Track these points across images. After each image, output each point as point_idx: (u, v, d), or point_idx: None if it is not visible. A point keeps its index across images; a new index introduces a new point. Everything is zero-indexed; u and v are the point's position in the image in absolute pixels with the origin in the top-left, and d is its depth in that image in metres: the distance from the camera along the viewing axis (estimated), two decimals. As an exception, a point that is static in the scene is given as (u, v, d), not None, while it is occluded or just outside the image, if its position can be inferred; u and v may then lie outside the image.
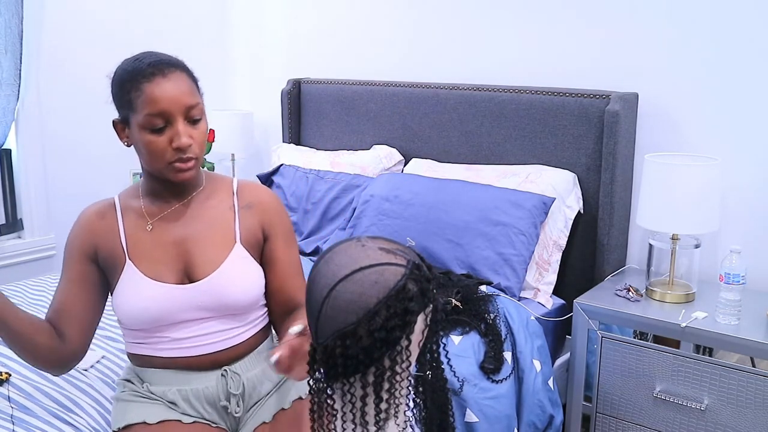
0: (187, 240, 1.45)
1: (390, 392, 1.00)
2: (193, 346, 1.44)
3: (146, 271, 1.42)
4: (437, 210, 2.40)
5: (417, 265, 1.00)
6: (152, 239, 1.44)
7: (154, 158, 1.37)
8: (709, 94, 2.28)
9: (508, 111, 2.56)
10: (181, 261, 1.44)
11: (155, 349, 1.45)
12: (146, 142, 1.36)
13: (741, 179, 2.24)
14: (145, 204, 1.47)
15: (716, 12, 2.23)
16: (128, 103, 1.36)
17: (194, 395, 1.44)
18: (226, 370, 1.46)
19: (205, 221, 1.47)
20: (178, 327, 1.43)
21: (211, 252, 1.45)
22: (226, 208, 1.50)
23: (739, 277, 1.93)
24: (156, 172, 1.41)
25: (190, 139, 1.36)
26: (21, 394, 1.63)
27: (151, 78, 1.33)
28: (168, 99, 1.33)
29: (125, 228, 1.45)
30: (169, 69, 1.36)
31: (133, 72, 1.36)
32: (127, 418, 1.44)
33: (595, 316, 2.12)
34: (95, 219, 1.46)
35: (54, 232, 2.95)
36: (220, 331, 1.45)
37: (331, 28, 3.18)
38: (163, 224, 1.46)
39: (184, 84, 1.37)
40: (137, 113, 1.34)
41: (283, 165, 2.97)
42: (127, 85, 1.35)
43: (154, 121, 1.34)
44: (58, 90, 2.90)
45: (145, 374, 1.47)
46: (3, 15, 2.58)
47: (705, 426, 1.96)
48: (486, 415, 1.88)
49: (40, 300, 2.27)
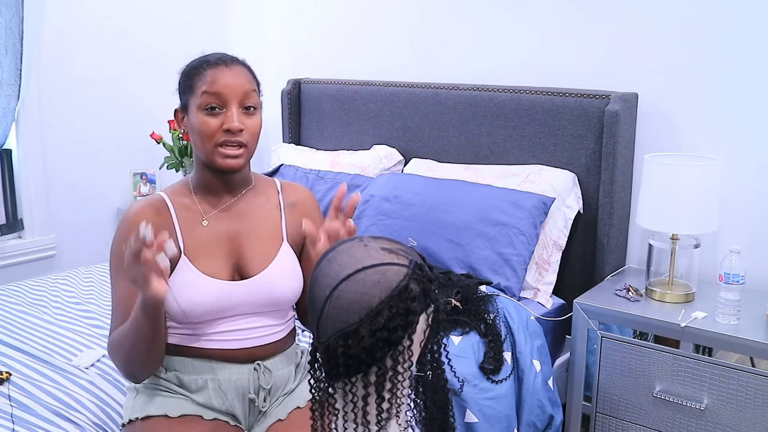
0: (240, 236, 1.49)
1: (392, 392, 1.00)
2: (233, 340, 1.46)
3: (201, 266, 1.44)
4: (437, 210, 2.41)
5: (419, 265, 1.01)
6: (207, 235, 1.47)
7: (204, 139, 1.41)
8: (709, 94, 2.28)
9: (508, 111, 2.56)
10: (234, 256, 1.48)
11: (195, 340, 1.46)
12: (200, 122, 1.41)
13: (741, 179, 2.25)
14: (197, 199, 1.50)
15: (716, 12, 2.23)
16: (190, 87, 1.43)
17: (226, 384, 1.46)
18: (259, 365, 1.48)
19: (256, 218, 1.52)
20: (223, 321, 1.46)
21: (262, 249, 1.49)
22: (272, 206, 1.55)
23: (738, 277, 1.94)
24: (206, 156, 1.43)
25: (241, 124, 1.41)
26: (21, 393, 1.64)
27: (215, 66, 1.42)
28: (226, 83, 1.41)
29: (180, 223, 1.46)
30: (233, 62, 1.45)
31: (200, 62, 1.45)
32: (148, 409, 1.43)
33: (595, 316, 2.12)
34: (151, 213, 1.44)
35: (54, 232, 2.95)
36: (260, 327, 1.49)
37: (331, 28, 3.18)
38: (217, 219, 1.49)
39: (244, 76, 1.44)
40: (196, 95, 1.41)
41: (283, 165, 2.97)
42: (192, 72, 1.44)
43: (210, 101, 1.40)
44: (59, 90, 2.90)
45: (177, 362, 1.47)
46: (3, 15, 2.58)
47: (705, 426, 1.96)
48: (486, 416, 1.88)
49: (40, 300, 2.27)
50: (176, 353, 1.48)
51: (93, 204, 3.02)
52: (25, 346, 1.89)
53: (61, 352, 1.87)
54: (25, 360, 1.81)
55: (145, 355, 1.37)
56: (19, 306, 2.20)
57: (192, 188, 1.51)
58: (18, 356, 1.83)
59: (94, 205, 3.03)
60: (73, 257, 2.97)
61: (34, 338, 1.95)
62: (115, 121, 3.10)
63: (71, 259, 2.96)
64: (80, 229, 3.00)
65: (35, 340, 1.94)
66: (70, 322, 2.08)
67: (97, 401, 1.64)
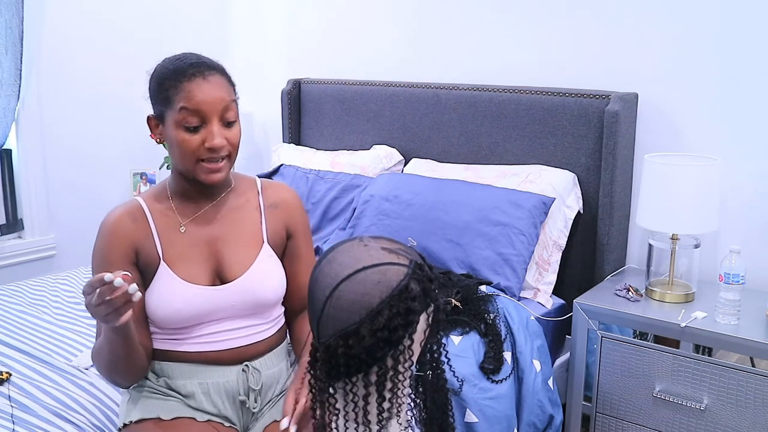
0: (218, 240, 1.48)
1: (393, 391, 1.00)
2: (218, 341, 1.46)
3: (180, 273, 1.43)
4: (437, 210, 2.41)
5: (419, 264, 1.01)
6: (185, 240, 1.46)
7: (185, 157, 1.39)
8: (709, 94, 2.28)
9: (508, 111, 2.56)
10: (213, 261, 1.47)
11: (180, 344, 1.46)
12: (180, 140, 1.38)
13: (741, 179, 2.25)
14: (175, 205, 1.48)
15: (716, 12, 2.23)
16: (165, 100, 1.38)
17: (214, 388, 1.45)
18: (247, 366, 1.48)
19: (235, 222, 1.50)
20: (207, 324, 1.46)
21: (241, 252, 1.48)
22: (252, 208, 1.54)
23: (738, 277, 1.94)
24: (186, 171, 1.42)
25: (224, 140, 1.39)
26: (22, 393, 1.63)
27: (191, 78, 1.37)
28: (205, 99, 1.36)
29: (158, 230, 1.45)
30: (209, 71, 1.39)
31: (174, 70, 1.38)
32: (141, 412, 1.44)
33: (595, 316, 2.12)
34: (129, 222, 1.44)
35: (54, 232, 2.95)
36: (245, 327, 1.48)
37: (331, 28, 3.18)
38: (195, 225, 1.48)
39: (222, 87, 1.40)
40: (173, 110, 1.37)
41: (283, 165, 2.97)
42: (166, 82, 1.38)
43: (190, 119, 1.36)
44: (59, 90, 2.90)
45: (165, 368, 1.47)
46: (3, 15, 2.58)
47: (705, 426, 1.96)
48: (486, 415, 1.88)
49: (40, 300, 2.27)
50: (163, 358, 1.47)
51: (93, 204, 3.02)
52: (25, 347, 1.89)
53: (61, 353, 1.87)
54: (25, 360, 1.81)
55: (125, 364, 1.37)
56: (19, 306, 2.20)
57: (170, 193, 1.49)
58: (18, 356, 1.83)
59: (94, 205, 3.02)
60: (73, 257, 2.97)
61: (34, 338, 1.95)
62: (115, 121, 3.09)
63: (71, 259, 2.96)
64: (80, 229, 3.00)
65: (35, 340, 1.94)
66: (70, 322, 2.08)
67: (96, 402, 1.64)
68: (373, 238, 1.04)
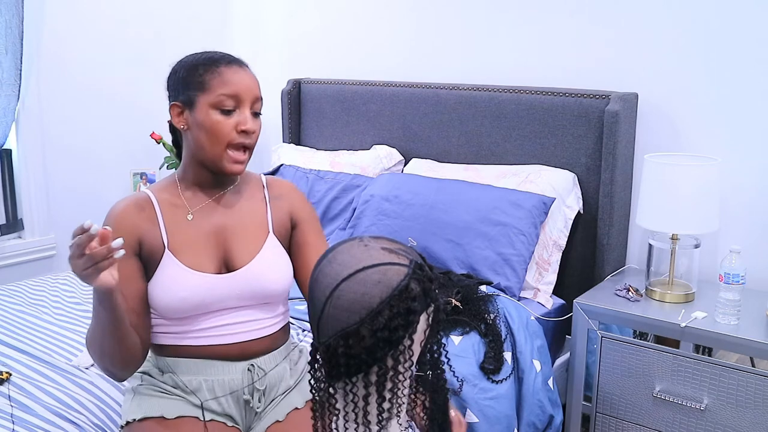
0: (226, 229, 1.49)
1: (393, 392, 1.00)
2: (223, 335, 1.46)
3: (185, 261, 1.44)
4: (437, 210, 2.41)
5: (420, 264, 1.01)
6: (192, 229, 1.47)
7: (216, 139, 1.41)
8: (709, 94, 2.28)
9: (508, 111, 2.56)
10: (220, 250, 1.48)
11: (185, 338, 1.46)
12: (213, 121, 1.41)
13: (741, 179, 2.25)
14: (183, 194, 1.50)
15: (716, 12, 2.23)
16: (200, 84, 1.41)
17: (219, 385, 1.45)
18: (253, 365, 1.48)
19: (241, 212, 1.52)
20: (213, 316, 1.46)
21: (248, 242, 1.50)
22: (258, 199, 1.56)
23: (738, 277, 1.94)
24: (212, 157, 1.43)
25: (255, 126, 1.45)
26: (22, 393, 1.64)
27: (229, 64, 1.43)
28: (243, 85, 1.42)
29: (164, 219, 1.46)
30: (243, 64, 1.47)
31: (209, 58, 1.44)
32: (145, 411, 1.43)
33: (595, 316, 2.13)
34: (135, 211, 1.45)
35: (54, 232, 2.94)
36: (250, 320, 1.49)
37: (331, 28, 3.18)
38: (202, 214, 1.49)
39: (254, 79, 1.47)
40: (209, 93, 1.40)
41: (283, 165, 2.97)
42: (201, 68, 1.42)
43: (227, 102, 1.40)
44: (59, 90, 2.90)
45: (170, 363, 1.47)
46: (3, 15, 2.58)
47: (705, 426, 1.96)
48: (486, 416, 1.88)
49: (40, 300, 2.27)
50: (168, 354, 1.47)
51: (93, 204, 3.02)
52: (25, 346, 1.89)
53: (61, 352, 1.87)
54: (25, 360, 1.81)
55: (113, 345, 1.34)
56: (19, 306, 2.20)
57: (178, 183, 1.51)
58: (18, 356, 1.83)
59: (94, 205, 3.02)
60: (73, 257, 2.97)
61: (34, 338, 1.95)
62: (115, 121, 3.09)
63: (71, 259, 2.96)
64: (80, 229, 3.00)
65: (35, 340, 1.94)
66: (70, 322, 2.08)
67: (97, 401, 1.64)
68: (373, 238, 1.04)
